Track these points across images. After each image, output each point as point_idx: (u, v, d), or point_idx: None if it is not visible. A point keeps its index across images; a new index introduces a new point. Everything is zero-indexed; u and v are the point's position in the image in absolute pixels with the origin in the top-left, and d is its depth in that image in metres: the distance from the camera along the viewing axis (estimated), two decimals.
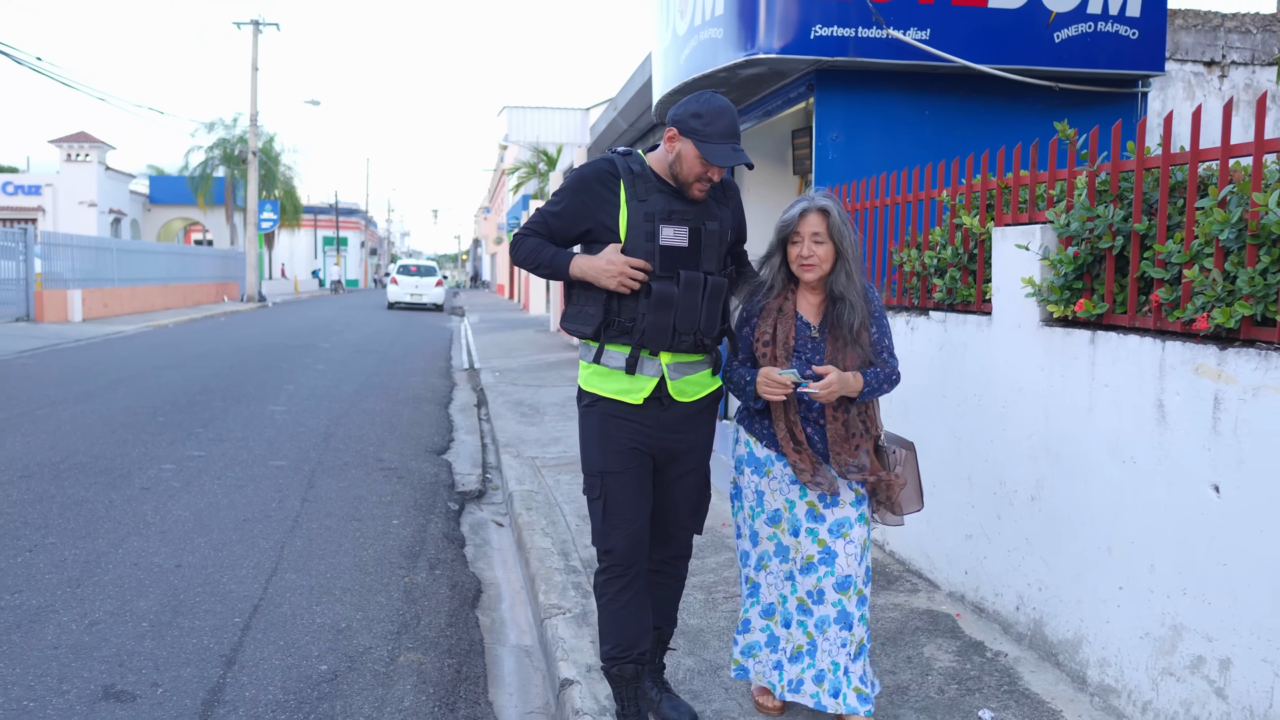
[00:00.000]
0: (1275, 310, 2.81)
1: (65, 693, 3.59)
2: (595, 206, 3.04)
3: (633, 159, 3.08)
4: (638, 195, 3.01)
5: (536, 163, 32.51)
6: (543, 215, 3.13)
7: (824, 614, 3.15)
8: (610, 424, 3.10)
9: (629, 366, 3.05)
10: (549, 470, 7.44)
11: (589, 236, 3.08)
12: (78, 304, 24.18)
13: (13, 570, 4.88)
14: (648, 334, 3.01)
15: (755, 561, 3.30)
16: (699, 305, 3.03)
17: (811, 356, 3.13)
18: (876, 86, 6.31)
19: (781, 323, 3.14)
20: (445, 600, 4.80)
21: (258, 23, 36.54)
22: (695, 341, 3.08)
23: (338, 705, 3.59)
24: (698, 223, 3.05)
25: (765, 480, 3.24)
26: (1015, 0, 6.12)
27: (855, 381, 3.07)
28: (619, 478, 3.10)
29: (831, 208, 3.10)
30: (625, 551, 3.12)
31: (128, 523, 5.76)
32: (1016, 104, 6.39)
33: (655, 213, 3.01)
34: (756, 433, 3.24)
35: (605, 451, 3.11)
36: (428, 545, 5.64)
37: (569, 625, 4.31)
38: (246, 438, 8.50)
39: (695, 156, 2.96)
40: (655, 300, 2.98)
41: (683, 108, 3.02)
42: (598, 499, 3.13)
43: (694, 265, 3.04)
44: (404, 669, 3.95)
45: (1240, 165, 3.18)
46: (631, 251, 2.99)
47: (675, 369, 3.10)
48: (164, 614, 4.38)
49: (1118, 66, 6.33)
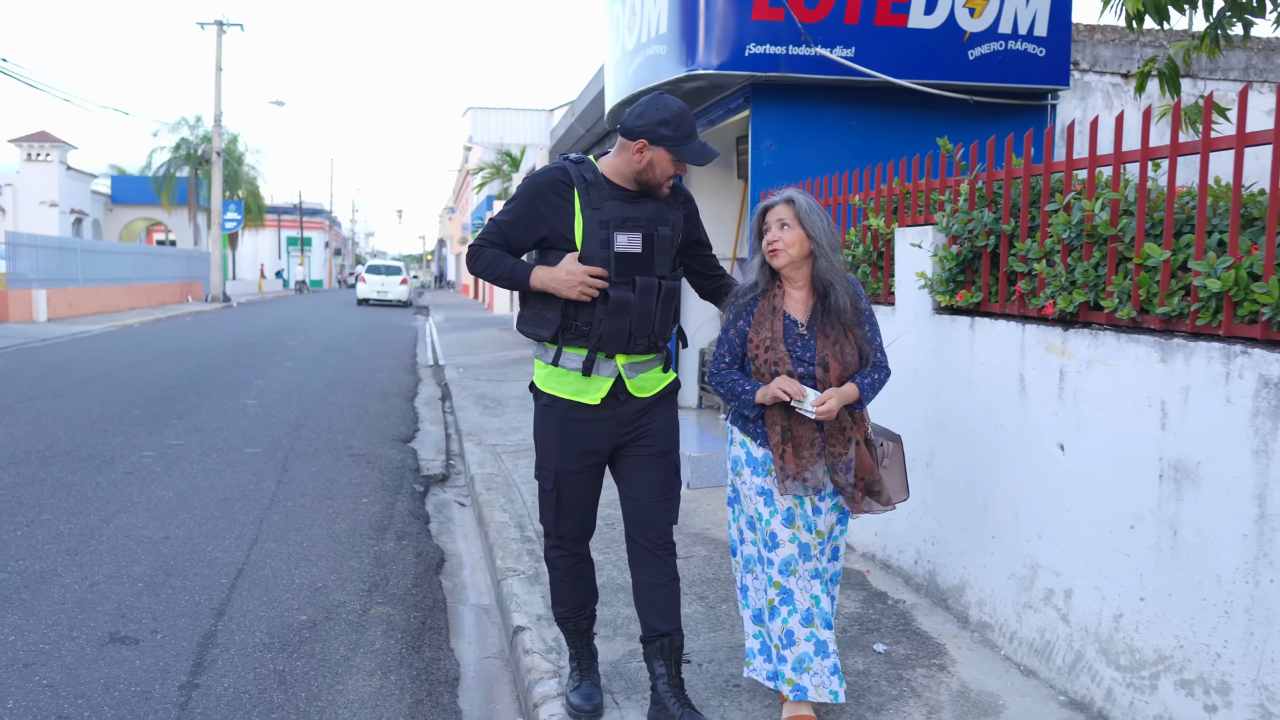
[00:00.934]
0: (1104, 297, 3.38)
1: (76, 638, 4.07)
2: (550, 214, 3.08)
3: (585, 166, 3.12)
4: (592, 203, 3.06)
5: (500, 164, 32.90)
6: (498, 225, 3.16)
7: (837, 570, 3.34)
8: (569, 425, 3.17)
9: (586, 369, 3.11)
10: (509, 455, 7.94)
11: (545, 244, 3.12)
12: (43, 304, 24.29)
13: (14, 542, 5.33)
14: (604, 338, 3.08)
15: (781, 566, 3.17)
16: (654, 310, 3.11)
17: (802, 354, 3.13)
18: (808, 99, 6.87)
19: (774, 322, 3.15)
20: (411, 566, 5.30)
21: (221, 23, 36.59)
22: (650, 343, 3.16)
23: (317, 647, 4.09)
24: (650, 229, 3.11)
25: (769, 479, 3.20)
26: (933, 21, 6.71)
27: (852, 391, 3.11)
28: (573, 475, 3.22)
29: (797, 197, 3.14)
30: (575, 537, 3.33)
31: (116, 502, 6.22)
32: (937, 114, 6.97)
33: (610, 220, 3.05)
34: (752, 433, 3.23)
35: (564, 450, 3.20)
36: (395, 520, 6.14)
37: (522, 584, 4.82)
38: (221, 428, 8.94)
39: (669, 161, 3.04)
40: (612, 307, 3.04)
41: (644, 118, 3.04)
42: (550, 491, 3.25)
43: (648, 270, 3.10)
44: (374, 619, 4.46)
45: (1101, 175, 3.74)
46: (588, 259, 3.04)
47: (630, 368, 3.17)
48: (157, 576, 4.85)
49: (1027, 81, 6.94)
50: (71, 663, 3.84)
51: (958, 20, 6.73)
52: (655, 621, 3.21)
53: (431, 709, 3.66)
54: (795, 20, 6.40)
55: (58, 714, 3.42)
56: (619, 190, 3.10)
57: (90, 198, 44.01)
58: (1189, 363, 2.97)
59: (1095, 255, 3.44)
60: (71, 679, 3.69)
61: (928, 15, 6.66)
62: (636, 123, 3.06)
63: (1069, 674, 3.52)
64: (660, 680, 3.20)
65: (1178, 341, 3.03)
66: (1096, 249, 3.45)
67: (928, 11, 6.66)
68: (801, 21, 6.41)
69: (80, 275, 27.79)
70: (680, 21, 6.63)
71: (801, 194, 3.16)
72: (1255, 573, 2.75)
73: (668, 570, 3.23)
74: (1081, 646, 3.46)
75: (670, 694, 3.18)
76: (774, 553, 3.17)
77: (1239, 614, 2.81)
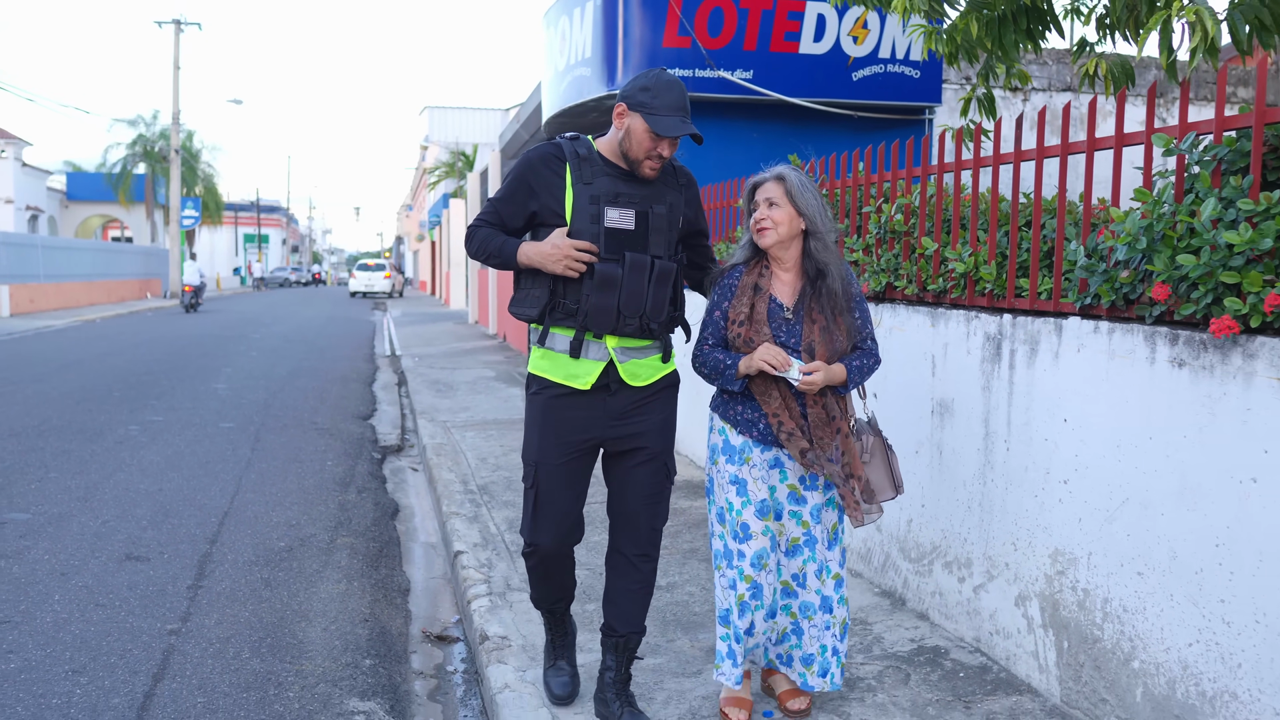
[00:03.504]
0: (899, 279, 4.44)
1: (98, 557, 5.03)
2: (541, 189, 3.01)
3: (580, 143, 3.05)
4: (583, 178, 2.98)
5: (455, 162, 33.72)
6: (493, 204, 3.10)
7: (807, 599, 3.18)
8: (555, 412, 3.06)
9: (573, 350, 3.00)
10: (458, 430, 8.92)
11: (536, 220, 3.05)
12: (5, 299, 24.81)
13: (29, 493, 6.26)
14: (591, 316, 2.96)
15: (754, 559, 3.13)
16: (644, 288, 2.98)
17: (787, 340, 3.04)
18: (715, 114, 7.92)
19: (757, 301, 3.06)
20: (370, 512, 6.28)
21: (179, 22, 37.01)
22: (641, 325, 3.03)
23: (294, 564, 5.07)
24: (645, 206, 3.01)
25: (745, 468, 3.12)
26: (821, 47, 7.78)
27: (840, 372, 3.02)
28: (553, 470, 3.07)
29: (788, 174, 3.04)
30: (549, 550, 3.15)
31: (111, 464, 7.14)
32: (829, 128, 8.06)
33: (600, 195, 2.96)
34: (732, 419, 3.13)
35: (545, 440, 3.07)
36: (356, 478, 7.11)
37: (464, 523, 5.81)
38: (196, 408, 9.84)
39: (644, 130, 2.92)
40: (598, 281, 2.93)
41: (632, 83, 3.00)
42: (530, 489, 3.11)
43: (641, 248, 2.99)
44: (340, 546, 5.44)
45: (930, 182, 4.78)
46: (577, 234, 2.94)
47: (622, 352, 3.05)
48: (157, 516, 5.81)
49: (904, 99, 8.04)
50: (99, 572, 4.80)
51: (843, 47, 7.81)
52: (616, 622, 3.21)
53: (387, 608, 4.65)
54: (700, 47, 7.44)
55: (95, 604, 4.38)
56: (613, 167, 3.02)
57: (46, 194, 44.13)
58: (947, 326, 4.04)
59: (897, 248, 4.50)
60: (101, 583, 4.66)
61: (816, 42, 7.74)
62: (624, 87, 3.02)
63: (881, 571, 4.58)
64: (609, 673, 3.23)
65: (941, 311, 4.09)
66: (898, 243, 4.51)
67: (816, 39, 7.73)
68: (705, 48, 7.46)
69: (42, 271, 28.27)
70: (603, 48, 7.65)
71: (794, 170, 3.06)
72: (983, 477, 3.82)
73: (642, 578, 3.20)
74: (888, 549, 4.53)
75: (613, 689, 3.22)
76: (745, 545, 3.13)
77: (975, 508, 3.87)
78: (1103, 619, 3.17)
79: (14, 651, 3.88)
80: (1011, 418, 3.61)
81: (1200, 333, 2.78)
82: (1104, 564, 3.15)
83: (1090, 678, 3.22)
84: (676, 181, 3.15)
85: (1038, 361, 3.46)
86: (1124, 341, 3.05)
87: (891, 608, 4.35)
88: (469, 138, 34.55)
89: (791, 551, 3.17)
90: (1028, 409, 3.52)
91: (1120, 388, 3.07)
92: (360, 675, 3.79)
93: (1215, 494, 2.73)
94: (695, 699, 3.38)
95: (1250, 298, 2.57)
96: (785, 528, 3.16)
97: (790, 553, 3.18)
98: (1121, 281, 3.01)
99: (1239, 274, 2.60)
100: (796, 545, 3.16)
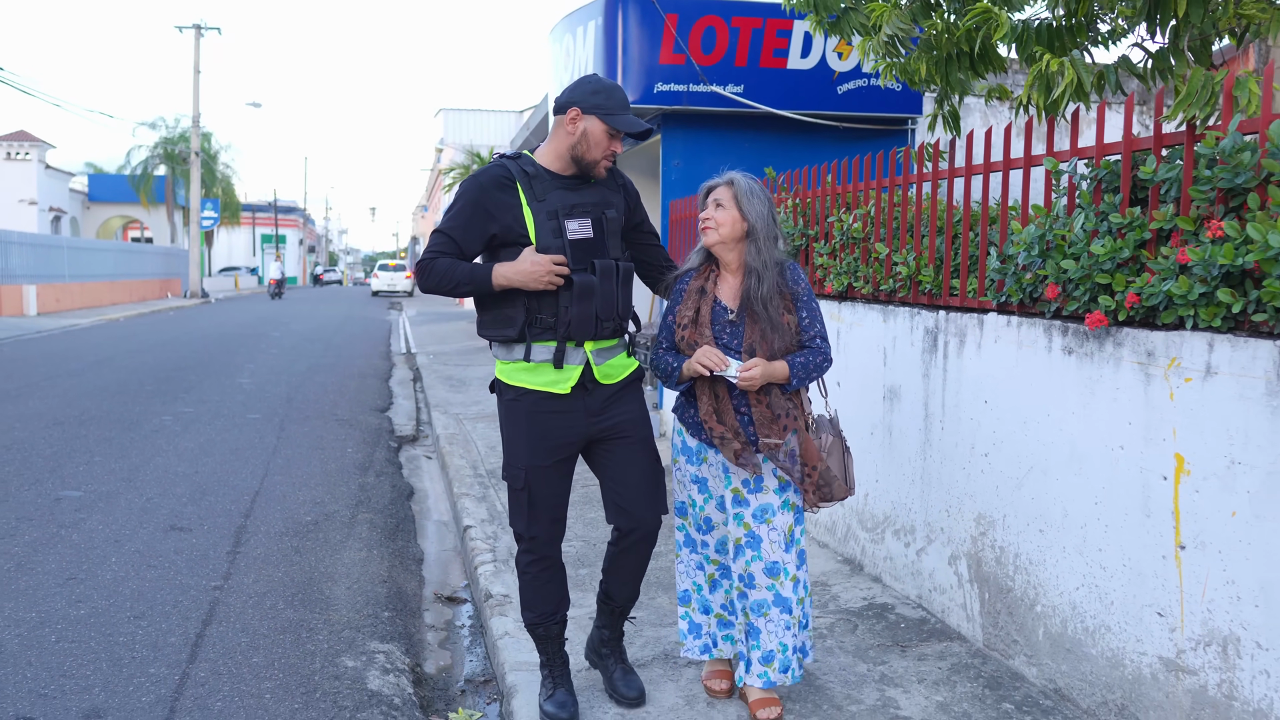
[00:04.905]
0: (858, 280, 4.98)
1: (146, 527, 5.64)
2: (498, 212, 3.04)
3: (524, 160, 3.10)
4: (536, 196, 3.04)
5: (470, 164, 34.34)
6: (444, 235, 3.10)
7: (760, 598, 3.20)
8: (538, 419, 3.11)
9: (557, 360, 3.06)
10: (469, 421, 9.49)
11: (494, 242, 3.08)
12: (32, 299, 25.53)
13: (78, 474, 6.88)
14: (573, 325, 3.03)
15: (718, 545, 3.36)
16: (615, 291, 3.10)
17: (730, 341, 3.12)
18: (709, 125, 8.48)
19: (702, 304, 3.15)
20: (388, 493, 6.85)
21: (199, 26, 37.69)
22: (615, 327, 3.14)
23: (320, 535, 5.65)
24: (598, 213, 3.10)
25: (704, 467, 3.24)
26: (808, 63, 8.32)
27: (781, 369, 3.08)
28: (544, 471, 3.13)
29: (738, 179, 3.13)
30: (546, 540, 3.21)
31: (150, 449, 7.75)
32: (816, 137, 8.60)
33: (558, 209, 3.03)
34: (687, 422, 3.24)
35: (533, 446, 3.12)
36: (374, 464, 7.69)
37: (473, 502, 6.38)
38: (223, 400, 10.46)
39: (602, 131, 3.01)
40: (578, 292, 3.00)
41: (576, 90, 3.06)
42: (521, 490, 3.14)
43: (601, 254, 3.08)
44: (361, 521, 6.02)
45: None
46: (544, 250, 3.01)
47: (598, 355, 3.14)
48: (195, 494, 6.40)
49: (887, 110, 8.57)
50: (148, 540, 5.40)
51: (829, 62, 8.35)
52: (614, 591, 3.37)
53: (403, 573, 5.22)
54: (694, 64, 7.99)
55: (147, 565, 4.98)
56: (560, 179, 3.09)
57: (68, 196, 44.97)
58: (896, 322, 4.58)
59: (856, 253, 5.05)
60: (150, 548, 5.26)
61: (804, 58, 8.28)
62: (568, 96, 3.08)
63: (843, 541, 5.13)
64: (604, 630, 3.46)
65: (891, 308, 4.63)
66: (857, 248, 5.05)
67: (803, 55, 8.28)
68: (699, 65, 8.01)
69: (67, 271, 29.02)
70: (603, 64, 8.21)
71: (745, 176, 3.15)
72: (924, 453, 4.36)
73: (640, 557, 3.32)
74: (849, 522, 5.07)
75: (608, 645, 3.47)
76: (709, 535, 3.34)
77: (918, 480, 4.41)
78: (1014, 571, 3.71)
79: (82, 601, 4.47)
80: (945, 401, 4.15)
81: (1083, 325, 3.32)
82: (1015, 524, 3.69)
83: (1005, 623, 3.76)
84: (616, 183, 3.24)
85: (965, 351, 4.00)
86: (1029, 333, 3.59)
87: (850, 573, 4.89)
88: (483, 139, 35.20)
89: (735, 552, 3.21)
90: (958, 393, 4.06)
91: (1026, 372, 3.61)
92: (380, 624, 4.36)
93: (1095, 460, 3.27)
94: (669, 644, 3.92)
95: (1118, 295, 3.11)
96: (730, 531, 3.22)
97: (735, 553, 3.21)
98: (1025, 282, 3.55)
99: (1109, 276, 3.14)
100: (739, 546, 3.19)
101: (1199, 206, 2.91)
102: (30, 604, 4.43)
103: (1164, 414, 2.96)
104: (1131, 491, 3.11)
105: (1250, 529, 2.68)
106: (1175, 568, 2.94)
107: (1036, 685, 3.56)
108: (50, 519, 5.78)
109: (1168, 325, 2.98)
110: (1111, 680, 3.20)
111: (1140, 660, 3.08)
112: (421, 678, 4.00)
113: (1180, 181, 2.97)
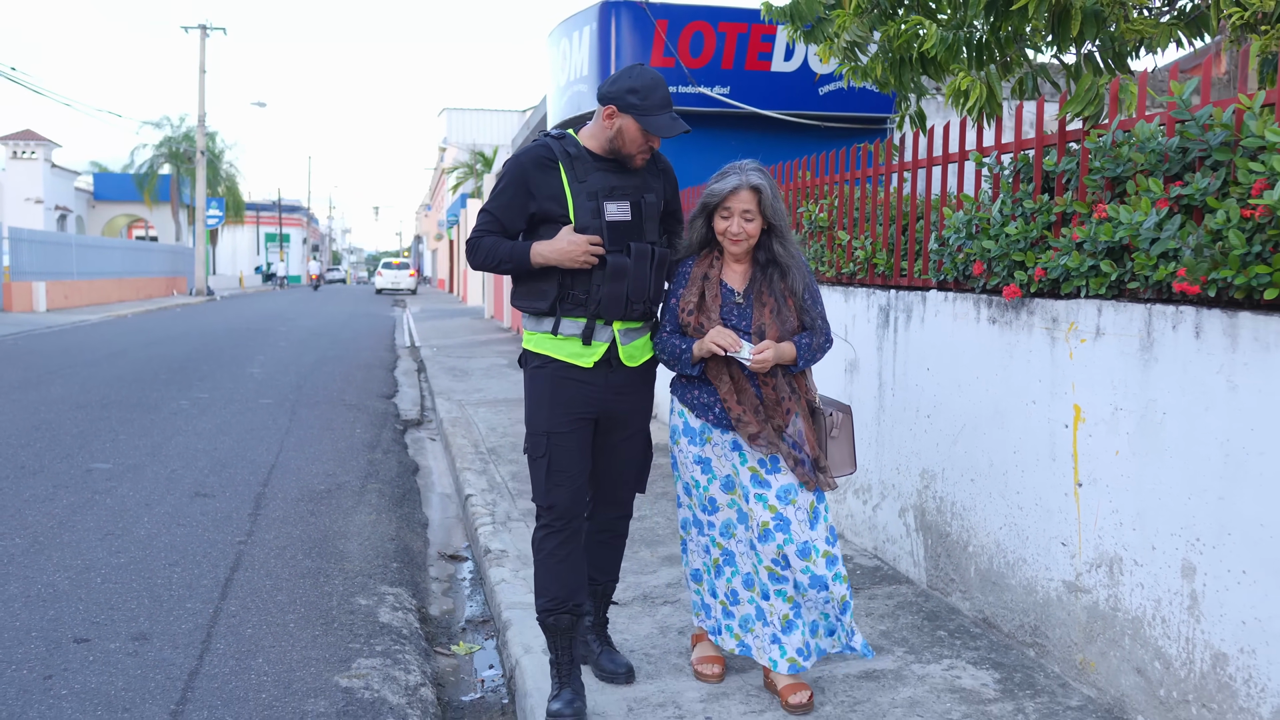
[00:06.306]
0: (823, 265, 5.47)
1: (173, 493, 6.14)
2: (539, 190, 3.09)
3: (568, 141, 3.14)
4: (578, 176, 3.08)
5: (474, 164, 34.83)
6: (489, 213, 3.17)
7: (797, 580, 3.16)
8: (561, 386, 3.16)
9: (585, 337, 3.13)
10: (471, 406, 9.99)
11: (535, 219, 3.13)
12: (42, 295, 26.00)
13: (106, 449, 7.38)
14: (604, 304, 3.10)
15: (722, 529, 3.29)
16: (648, 274, 3.14)
17: (738, 323, 3.16)
18: (697, 125, 8.91)
19: (708, 289, 3.17)
20: (394, 468, 7.34)
21: (205, 27, 38.15)
22: (644, 309, 3.19)
23: (333, 501, 6.14)
24: (637, 196, 3.14)
25: (707, 447, 3.24)
26: (791, 65, 8.81)
27: (789, 350, 3.12)
28: (564, 438, 3.16)
29: (764, 185, 3.11)
30: (566, 507, 3.18)
31: (170, 429, 8.26)
32: (799, 136, 9.08)
33: (598, 190, 3.08)
34: (689, 402, 3.24)
35: (554, 412, 3.16)
36: (381, 443, 8.19)
37: (474, 475, 6.87)
38: (236, 388, 10.96)
39: (637, 130, 3.04)
40: (611, 272, 3.06)
41: (616, 85, 3.07)
42: (542, 457, 3.17)
43: (638, 237, 3.14)
44: (370, 490, 6.51)
45: None
46: (582, 230, 3.06)
47: (625, 335, 3.20)
48: (215, 468, 6.90)
49: (866, 110, 9.06)
50: (175, 504, 5.90)
51: (810, 65, 8.83)
52: (596, 572, 3.44)
53: (410, 534, 5.71)
54: (683, 66, 8.48)
55: (177, 524, 5.48)
56: (601, 161, 3.13)
57: (74, 194, 45.41)
58: (855, 301, 5.06)
59: (822, 241, 5.53)
60: (179, 511, 5.76)
61: (787, 61, 8.77)
62: (608, 89, 3.11)
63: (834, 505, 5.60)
64: (588, 617, 3.49)
65: (851, 289, 5.12)
66: (824, 236, 5.54)
67: (787, 59, 8.76)
68: (688, 67, 8.50)
69: (75, 269, 29.51)
70: (597, 67, 8.70)
71: (765, 177, 3.14)
72: (879, 418, 4.84)
73: (618, 536, 3.48)
74: None
75: (592, 632, 3.53)
76: (714, 516, 3.30)
77: (874, 443, 4.89)
78: (951, 518, 4.19)
79: (121, 552, 4.97)
80: (895, 370, 4.64)
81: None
82: (952, 476, 4.18)
83: (944, 565, 4.25)
84: (656, 168, 3.27)
85: (911, 325, 4.49)
86: (962, 306, 4.08)
87: None
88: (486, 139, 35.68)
89: (764, 536, 3.15)
90: (905, 362, 4.55)
91: (960, 341, 4.09)
92: (389, 572, 4.86)
93: (1013, 415, 3.75)
94: (648, 587, 4.41)
95: (1030, 270, 3.59)
96: (753, 512, 3.17)
97: (763, 537, 3.15)
98: (958, 262, 4.04)
99: (1023, 253, 3.62)
100: (768, 529, 3.14)
101: (1093, 193, 3.39)
102: (75, 554, 4.93)
103: (1065, 371, 3.45)
104: (1041, 439, 3.59)
105: (1129, 464, 3.17)
106: (1074, 502, 3.43)
107: (969, 616, 4.04)
108: (84, 486, 6.29)
109: (1068, 295, 3.47)
110: (1027, 605, 3.69)
111: (1049, 586, 3.57)
112: (426, 618, 4.49)
113: (1078, 172, 3.45)
